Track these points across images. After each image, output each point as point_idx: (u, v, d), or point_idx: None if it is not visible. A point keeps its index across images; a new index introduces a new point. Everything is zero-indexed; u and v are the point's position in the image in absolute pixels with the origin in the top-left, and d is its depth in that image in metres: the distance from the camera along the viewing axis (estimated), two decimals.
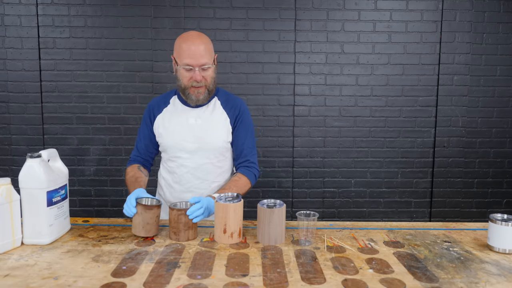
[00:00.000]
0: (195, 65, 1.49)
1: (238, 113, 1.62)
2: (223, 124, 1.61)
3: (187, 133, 1.59)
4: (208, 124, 1.60)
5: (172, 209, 1.33)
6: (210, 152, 1.60)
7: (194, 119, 1.60)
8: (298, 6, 2.88)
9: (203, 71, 1.50)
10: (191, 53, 1.48)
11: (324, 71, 2.94)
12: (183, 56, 1.49)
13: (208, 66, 1.51)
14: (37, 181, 1.24)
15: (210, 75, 1.53)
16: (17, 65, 2.86)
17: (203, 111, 1.61)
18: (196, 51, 1.48)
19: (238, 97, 1.69)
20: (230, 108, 1.63)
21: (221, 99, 1.65)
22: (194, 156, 1.60)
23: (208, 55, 1.50)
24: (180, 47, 1.51)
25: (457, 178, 3.05)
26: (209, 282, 1.02)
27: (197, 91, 1.53)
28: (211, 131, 1.59)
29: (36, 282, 1.01)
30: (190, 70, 1.50)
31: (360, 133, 2.99)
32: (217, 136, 1.59)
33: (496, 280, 1.06)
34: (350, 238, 1.36)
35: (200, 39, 1.52)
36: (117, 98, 2.91)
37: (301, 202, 3.02)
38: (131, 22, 2.85)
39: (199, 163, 1.60)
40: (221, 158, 1.64)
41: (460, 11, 2.90)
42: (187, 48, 1.49)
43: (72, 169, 2.84)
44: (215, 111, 1.62)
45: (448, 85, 2.96)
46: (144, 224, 1.32)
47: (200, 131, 1.59)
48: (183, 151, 1.60)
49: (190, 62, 1.48)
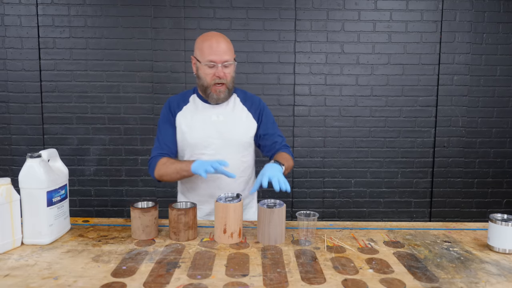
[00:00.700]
0: (218, 61, 1.53)
1: (260, 108, 1.69)
2: (245, 119, 1.66)
3: (211, 130, 1.62)
4: (230, 120, 1.63)
5: (172, 209, 1.33)
6: (234, 147, 1.62)
7: (216, 116, 1.63)
8: (298, 6, 2.88)
9: (225, 68, 1.55)
10: (214, 49, 1.53)
11: (324, 71, 2.94)
12: (206, 53, 1.54)
13: (230, 63, 1.55)
14: (37, 181, 1.24)
15: (231, 73, 1.58)
16: (17, 65, 2.86)
17: (223, 108, 1.65)
18: (219, 48, 1.53)
19: (255, 95, 1.76)
20: (251, 105, 1.68)
21: (240, 96, 1.70)
22: (220, 152, 1.62)
23: (229, 53, 1.56)
24: (203, 45, 1.55)
25: (457, 178, 3.05)
26: (209, 282, 1.02)
27: (219, 90, 1.57)
28: (234, 127, 1.63)
29: (36, 282, 1.01)
30: (213, 67, 1.54)
31: (360, 133, 2.99)
32: (240, 131, 1.63)
33: (496, 280, 1.06)
34: (350, 238, 1.36)
35: (222, 37, 1.58)
36: (117, 98, 2.91)
37: (301, 202, 3.02)
38: (131, 22, 2.85)
39: (225, 159, 1.60)
40: (245, 153, 1.67)
41: (460, 11, 2.90)
42: (210, 45, 1.54)
43: (72, 169, 2.84)
44: (235, 107, 1.67)
45: (448, 85, 2.96)
46: (143, 228, 1.33)
47: (224, 127, 1.62)
48: (208, 148, 1.62)
49: (214, 59, 1.53)
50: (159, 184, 2.97)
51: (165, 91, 2.90)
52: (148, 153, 2.94)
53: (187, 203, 1.40)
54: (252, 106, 1.68)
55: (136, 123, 2.93)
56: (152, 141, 2.94)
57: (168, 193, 2.98)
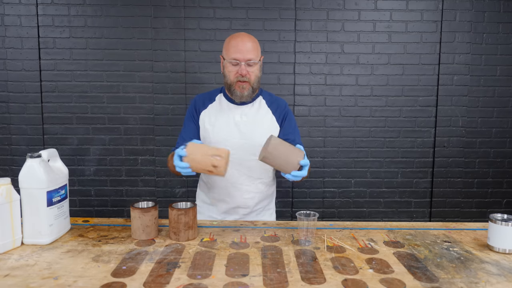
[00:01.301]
0: (241, 59, 1.56)
1: (285, 112, 1.70)
2: (269, 122, 1.67)
3: (233, 130, 1.63)
4: (253, 121, 1.65)
5: (172, 209, 1.33)
6: (255, 148, 1.63)
7: (240, 116, 1.65)
8: (298, 6, 2.88)
9: (248, 66, 1.57)
10: (238, 48, 1.56)
11: (324, 71, 2.94)
12: (230, 51, 1.57)
13: (254, 62, 1.57)
14: (37, 181, 1.24)
15: (255, 72, 1.59)
16: (17, 65, 2.86)
17: (248, 109, 1.66)
18: (243, 47, 1.56)
19: (281, 98, 1.77)
20: (276, 108, 1.70)
21: (265, 98, 1.72)
22: (239, 152, 1.63)
23: (255, 52, 1.58)
24: (229, 43, 1.60)
25: (457, 178, 3.05)
26: (209, 282, 1.02)
27: (242, 86, 1.58)
28: (257, 128, 1.64)
29: (36, 282, 1.01)
30: (236, 65, 1.57)
31: (360, 133, 2.99)
32: (262, 133, 1.63)
33: (496, 280, 1.06)
34: (350, 238, 1.37)
35: (248, 37, 1.61)
36: (117, 98, 2.91)
37: (301, 202, 3.02)
38: (131, 22, 2.85)
39: (244, 159, 1.64)
40: None
41: (460, 11, 2.90)
42: (235, 44, 1.57)
43: (72, 169, 2.84)
44: (260, 109, 1.68)
45: (448, 85, 2.96)
46: (143, 228, 1.33)
47: (246, 127, 1.63)
48: (229, 147, 1.62)
49: (237, 57, 1.56)
50: (159, 184, 2.98)
51: (165, 91, 2.90)
52: (148, 153, 2.95)
53: (187, 203, 1.40)
54: (278, 109, 1.69)
55: (136, 123, 2.93)
56: (152, 141, 2.94)
57: (168, 193, 2.98)
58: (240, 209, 1.71)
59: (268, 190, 1.78)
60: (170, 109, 2.92)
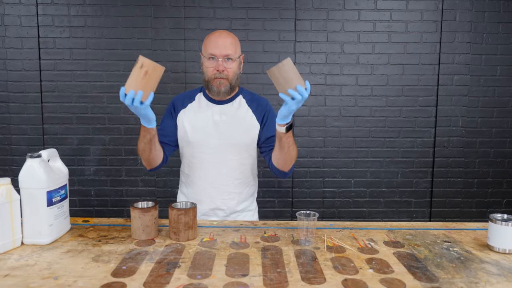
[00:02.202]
0: (218, 55, 1.54)
1: (266, 110, 1.67)
2: (249, 121, 1.64)
3: (211, 129, 1.61)
4: (233, 120, 1.62)
5: (172, 209, 1.33)
6: (234, 148, 1.62)
7: (219, 116, 1.62)
8: (298, 6, 2.88)
9: (226, 62, 1.55)
10: (215, 44, 1.55)
11: (324, 71, 2.94)
12: (208, 47, 1.56)
13: (232, 58, 1.55)
14: (37, 181, 1.24)
15: (232, 69, 1.57)
16: (17, 65, 2.86)
17: (228, 108, 1.64)
18: (221, 43, 1.55)
19: (262, 97, 1.74)
20: (257, 107, 1.66)
21: (246, 97, 1.69)
22: (218, 152, 1.61)
23: (233, 48, 1.56)
24: (207, 39, 1.59)
25: (457, 178, 3.05)
26: (209, 282, 1.02)
27: (219, 82, 1.56)
28: (236, 128, 1.61)
29: (36, 282, 1.01)
30: (214, 60, 1.55)
31: (360, 133, 2.99)
32: (241, 133, 1.61)
33: (496, 280, 1.06)
34: (350, 238, 1.36)
35: (227, 33, 1.60)
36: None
37: (301, 202, 3.02)
38: (131, 22, 2.85)
39: (223, 159, 1.62)
40: (245, 155, 1.65)
41: (460, 11, 2.90)
42: (213, 39, 1.56)
43: (72, 169, 2.84)
44: (240, 108, 1.65)
45: (448, 85, 2.96)
46: (143, 228, 1.33)
47: (225, 127, 1.61)
48: (207, 147, 1.62)
49: (214, 52, 1.54)
50: (159, 184, 2.98)
51: (165, 91, 2.90)
52: None
53: (187, 203, 1.40)
54: (258, 108, 1.66)
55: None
56: None
57: (168, 193, 2.98)
58: (219, 211, 1.68)
59: (249, 191, 1.73)
60: None
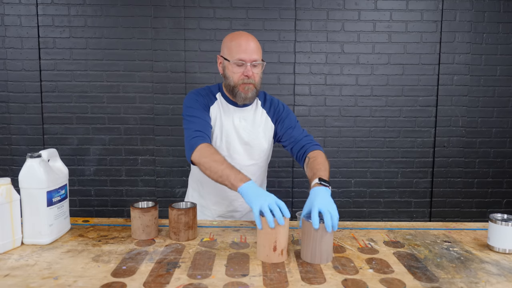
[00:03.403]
0: (247, 60, 1.50)
1: (278, 109, 1.65)
2: (264, 123, 1.63)
3: (232, 134, 1.60)
4: (251, 126, 1.61)
5: (172, 209, 1.33)
6: (255, 153, 1.61)
7: (239, 120, 1.60)
8: (298, 6, 2.88)
9: (253, 67, 1.52)
10: (243, 48, 1.49)
11: (324, 71, 2.94)
12: (235, 52, 1.50)
13: (259, 62, 1.53)
14: (37, 181, 1.24)
15: (258, 74, 1.55)
16: (17, 65, 2.86)
17: (247, 112, 1.62)
18: (248, 47, 1.50)
19: (274, 97, 1.73)
20: (270, 107, 1.66)
21: (260, 99, 1.68)
22: (239, 157, 1.60)
23: (259, 53, 1.53)
24: (231, 43, 1.52)
25: (457, 178, 3.05)
26: (209, 282, 1.02)
27: (247, 87, 1.52)
28: (255, 133, 1.61)
29: (36, 282, 1.01)
30: (242, 66, 1.50)
31: (360, 133, 2.99)
32: (260, 137, 1.61)
33: (496, 280, 1.06)
34: (350, 238, 1.36)
35: (251, 36, 1.56)
36: (117, 98, 2.91)
37: (301, 202, 3.02)
38: (131, 22, 2.85)
39: (242, 164, 1.59)
40: (264, 158, 1.66)
41: (460, 11, 2.90)
42: (240, 44, 1.50)
43: (72, 169, 2.84)
44: (257, 111, 1.64)
45: (448, 85, 2.96)
46: (143, 227, 1.33)
47: (245, 133, 1.60)
48: (230, 151, 1.60)
49: (243, 57, 1.49)
50: (159, 184, 2.98)
51: (165, 91, 2.90)
52: (148, 153, 2.95)
53: (187, 203, 1.40)
54: (271, 108, 1.66)
55: (136, 123, 2.93)
56: (152, 141, 2.94)
57: (168, 193, 2.98)
58: (236, 213, 1.70)
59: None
60: (170, 109, 2.92)
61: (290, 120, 1.65)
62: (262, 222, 1.16)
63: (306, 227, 1.17)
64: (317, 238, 1.14)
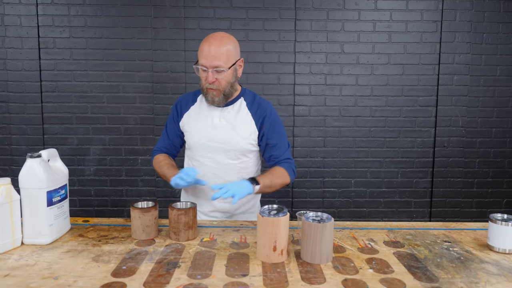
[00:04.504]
0: (208, 66, 1.48)
1: (265, 115, 1.61)
2: (248, 125, 1.60)
3: (210, 133, 1.60)
4: (232, 125, 1.60)
5: (172, 209, 1.33)
6: (232, 152, 1.60)
7: (219, 119, 1.60)
8: (298, 6, 2.88)
9: (216, 73, 1.49)
10: (205, 54, 1.48)
11: (324, 71, 2.94)
12: (199, 56, 1.51)
13: (222, 69, 1.48)
14: (37, 181, 1.24)
15: (224, 79, 1.51)
16: (17, 65, 2.86)
17: (228, 112, 1.61)
18: (210, 53, 1.47)
19: (265, 100, 1.68)
20: (256, 110, 1.62)
21: (247, 100, 1.65)
22: (216, 156, 1.60)
23: (223, 58, 1.48)
24: (200, 47, 1.52)
25: (457, 178, 3.05)
26: (209, 282, 1.02)
27: (212, 93, 1.53)
28: (235, 132, 1.59)
29: (36, 282, 1.01)
30: (205, 71, 1.50)
31: (360, 133, 2.99)
32: (240, 137, 1.59)
33: (496, 280, 1.06)
34: (350, 238, 1.36)
35: (219, 40, 1.49)
36: (117, 98, 2.91)
37: (301, 202, 3.02)
38: (131, 22, 2.85)
39: (221, 163, 1.61)
40: (244, 159, 1.63)
41: (460, 11, 2.90)
42: (202, 49, 1.49)
43: (72, 169, 2.84)
44: (240, 111, 1.61)
45: (448, 85, 2.96)
46: (143, 227, 1.33)
47: (224, 132, 1.59)
48: (205, 150, 1.61)
49: (204, 63, 1.49)
50: (159, 184, 2.98)
51: (165, 91, 2.90)
52: (148, 153, 2.95)
53: (187, 203, 1.40)
54: (257, 111, 1.62)
55: (136, 123, 2.93)
56: (152, 141, 2.94)
57: (168, 193, 2.98)
58: (219, 213, 1.68)
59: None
60: (170, 109, 2.91)
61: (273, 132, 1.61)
62: (262, 222, 1.17)
63: (306, 227, 1.17)
64: (317, 238, 1.15)
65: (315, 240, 1.15)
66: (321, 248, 1.15)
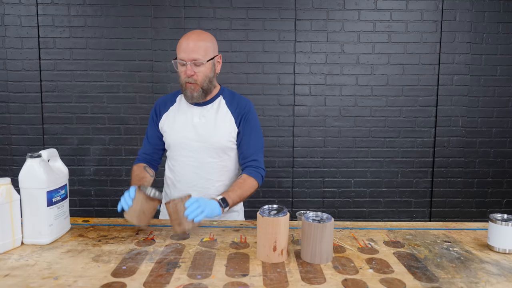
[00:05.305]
0: (186, 59, 1.50)
1: (243, 113, 1.62)
2: (228, 123, 1.61)
3: (190, 132, 1.60)
4: (211, 123, 1.60)
5: (169, 202, 1.33)
6: (213, 151, 1.60)
7: (198, 118, 1.61)
8: (298, 6, 2.88)
9: (195, 66, 1.51)
10: (184, 47, 1.51)
11: (324, 71, 2.94)
12: (178, 51, 1.53)
13: (200, 62, 1.50)
14: (37, 181, 1.24)
15: (202, 72, 1.53)
16: (17, 65, 2.86)
17: (207, 110, 1.62)
18: (189, 46, 1.50)
19: (244, 98, 1.68)
20: (235, 108, 1.62)
21: (226, 98, 1.65)
22: (197, 155, 1.61)
23: (201, 52, 1.51)
24: (178, 43, 1.55)
25: (457, 178, 3.05)
26: (209, 282, 1.02)
27: (191, 87, 1.54)
28: (214, 130, 1.59)
29: (36, 282, 1.01)
30: (183, 65, 1.52)
31: (360, 133, 2.99)
32: (220, 135, 1.59)
33: (496, 280, 1.06)
34: (350, 238, 1.36)
35: (197, 35, 1.53)
36: (117, 98, 2.91)
37: (301, 202, 3.02)
38: (131, 22, 2.85)
39: (202, 162, 1.61)
40: (225, 157, 1.63)
41: (460, 11, 2.90)
42: (180, 43, 1.53)
43: (72, 169, 2.84)
44: (219, 110, 1.62)
45: (448, 85, 2.96)
46: (139, 213, 1.33)
47: (204, 130, 1.59)
48: (186, 150, 1.61)
49: (182, 57, 1.51)
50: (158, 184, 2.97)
51: (165, 91, 2.90)
52: None
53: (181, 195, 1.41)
54: (236, 109, 1.62)
55: (136, 123, 2.93)
56: None
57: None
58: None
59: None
60: None
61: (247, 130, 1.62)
62: (262, 222, 1.17)
63: (306, 227, 1.17)
64: (317, 238, 1.15)
65: (315, 240, 1.15)
66: (321, 248, 1.15)
